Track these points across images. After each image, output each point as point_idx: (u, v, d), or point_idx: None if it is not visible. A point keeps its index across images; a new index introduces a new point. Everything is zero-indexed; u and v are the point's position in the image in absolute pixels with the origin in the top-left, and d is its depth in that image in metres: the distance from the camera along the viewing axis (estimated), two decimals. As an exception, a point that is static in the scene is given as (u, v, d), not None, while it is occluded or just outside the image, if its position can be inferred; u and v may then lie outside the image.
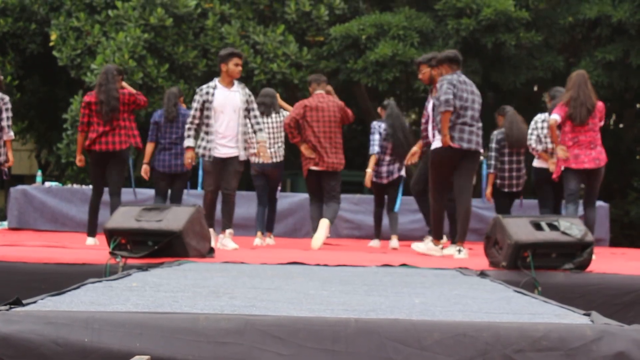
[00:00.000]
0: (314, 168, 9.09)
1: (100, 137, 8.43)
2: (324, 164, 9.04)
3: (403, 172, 9.64)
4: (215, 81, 8.36)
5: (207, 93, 8.26)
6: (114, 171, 8.49)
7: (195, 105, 8.25)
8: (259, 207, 9.96)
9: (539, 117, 9.34)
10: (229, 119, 8.23)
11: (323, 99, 9.14)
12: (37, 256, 6.04)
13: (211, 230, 7.75)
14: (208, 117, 8.22)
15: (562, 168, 8.41)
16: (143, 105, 8.68)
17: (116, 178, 8.47)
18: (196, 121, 8.24)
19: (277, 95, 10.08)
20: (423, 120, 8.78)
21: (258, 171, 9.70)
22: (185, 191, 10.34)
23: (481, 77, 14.46)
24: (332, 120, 9.07)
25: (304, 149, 9.08)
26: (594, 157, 8.28)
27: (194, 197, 11.17)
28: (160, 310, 3.13)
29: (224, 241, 8.10)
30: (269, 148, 9.44)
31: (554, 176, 8.61)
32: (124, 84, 8.77)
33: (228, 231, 8.20)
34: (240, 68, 8.38)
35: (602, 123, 8.49)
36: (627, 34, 13.87)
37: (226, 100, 8.25)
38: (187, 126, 8.27)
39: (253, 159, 9.33)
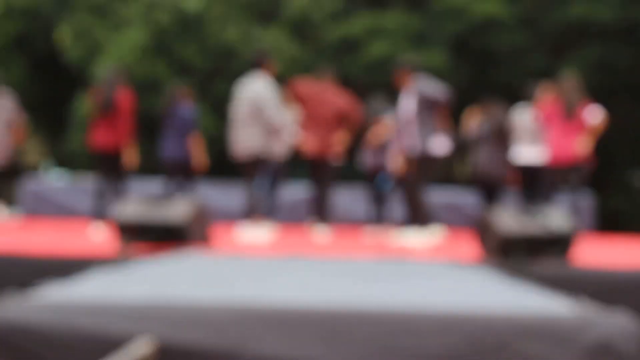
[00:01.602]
0: (307, 156, 9.33)
1: (97, 133, 8.49)
2: (314, 151, 9.15)
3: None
4: (269, 80, 8.14)
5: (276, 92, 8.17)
6: (117, 166, 8.61)
7: (276, 102, 8.08)
8: (267, 195, 9.99)
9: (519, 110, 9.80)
10: None
11: (329, 90, 9.27)
12: (45, 247, 6.04)
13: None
14: None
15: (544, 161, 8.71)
16: (124, 116, 8.59)
17: (119, 172, 8.62)
18: None
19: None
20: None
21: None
22: None
23: (471, 78, 14.47)
24: (333, 111, 9.13)
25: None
26: (574, 150, 8.38)
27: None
28: (164, 299, 3.12)
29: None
30: None
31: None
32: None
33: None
34: None
35: (593, 122, 8.55)
36: (613, 34, 13.88)
37: None
38: (282, 120, 8.14)
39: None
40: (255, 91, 7.99)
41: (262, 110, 7.91)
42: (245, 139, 8.03)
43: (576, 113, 8.35)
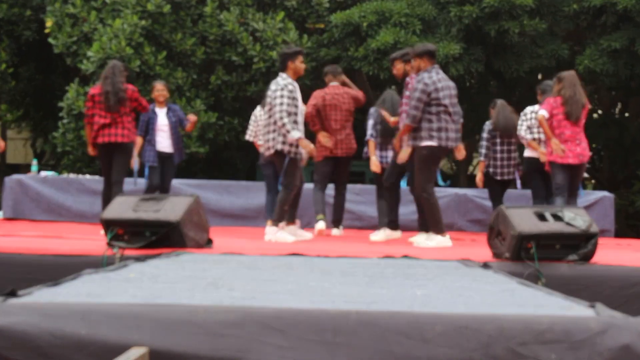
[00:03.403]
0: (331, 155, 9.69)
1: (102, 129, 8.75)
2: (338, 150, 9.66)
3: None
4: (288, 78, 8.19)
5: (293, 91, 8.12)
6: (117, 162, 8.80)
7: (286, 100, 8.03)
8: (268, 195, 10.05)
9: (529, 109, 9.81)
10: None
11: (338, 90, 9.77)
12: (33, 247, 6.04)
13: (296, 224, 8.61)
14: (296, 114, 8.19)
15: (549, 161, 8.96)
16: (142, 109, 9.00)
17: (118, 168, 8.85)
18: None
19: None
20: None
21: (267, 159, 9.90)
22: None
23: (484, 65, 14.44)
24: (345, 110, 9.70)
25: (322, 136, 9.61)
26: (579, 152, 8.80)
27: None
28: (158, 302, 3.13)
29: (298, 232, 8.37)
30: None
31: (546, 168, 9.13)
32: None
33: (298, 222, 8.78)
34: (304, 65, 8.46)
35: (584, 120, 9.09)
36: (632, 21, 13.84)
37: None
38: (286, 120, 8.00)
39: (262, 149, 9.68)
40: (270, 89, 8.20)
41: (273, 108, 8.09)
42: (264, 139, 8.29)
43: (580, 115, 8.79)
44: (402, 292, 3.85)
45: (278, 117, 8.00)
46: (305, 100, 10.14)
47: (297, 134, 8.05)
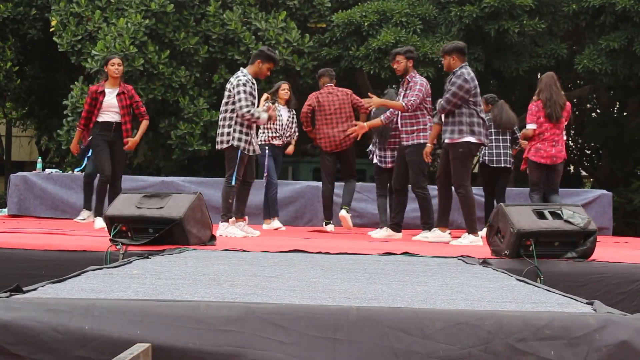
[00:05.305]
0: (329, 150, 9.92)
1: None
2: (335, 145, 9.85)
3: None
4: (248, 75, 8.14)
5: (252, 87, 8.09)
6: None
7: (246, 95, 7.98)
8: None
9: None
10: None
11: (333, 89, 10.01)
12: (37, 243, 6.04)
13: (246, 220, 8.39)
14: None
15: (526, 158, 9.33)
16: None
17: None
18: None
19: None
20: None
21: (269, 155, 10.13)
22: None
23: (484, 64, 14.43)
24: (341, 106, 9.88)
25: (314, 138, 10.12)
26: (553, 154, 9.11)
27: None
28: (161, 298, 3.13)
29: (246, 228, 8.27)
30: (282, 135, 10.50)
31: (522, 167, 9.65)
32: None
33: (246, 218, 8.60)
34: (269, 73, 8.43)
35: (566, 122, 9.49)
36: (631, 21, 13.83)
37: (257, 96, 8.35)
38: (247, 110, 7.93)
39: (262, 143, 10.13)
40: (231, 83, 8.16)
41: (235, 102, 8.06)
42: (217, 132, 8.25)
43: (560, 116, 9.07)
44: (403, 288, 3.84)
45: (241, 112, 7.96)
46: (304, 98, 10.25)
47: (264, 114, 8.11)
